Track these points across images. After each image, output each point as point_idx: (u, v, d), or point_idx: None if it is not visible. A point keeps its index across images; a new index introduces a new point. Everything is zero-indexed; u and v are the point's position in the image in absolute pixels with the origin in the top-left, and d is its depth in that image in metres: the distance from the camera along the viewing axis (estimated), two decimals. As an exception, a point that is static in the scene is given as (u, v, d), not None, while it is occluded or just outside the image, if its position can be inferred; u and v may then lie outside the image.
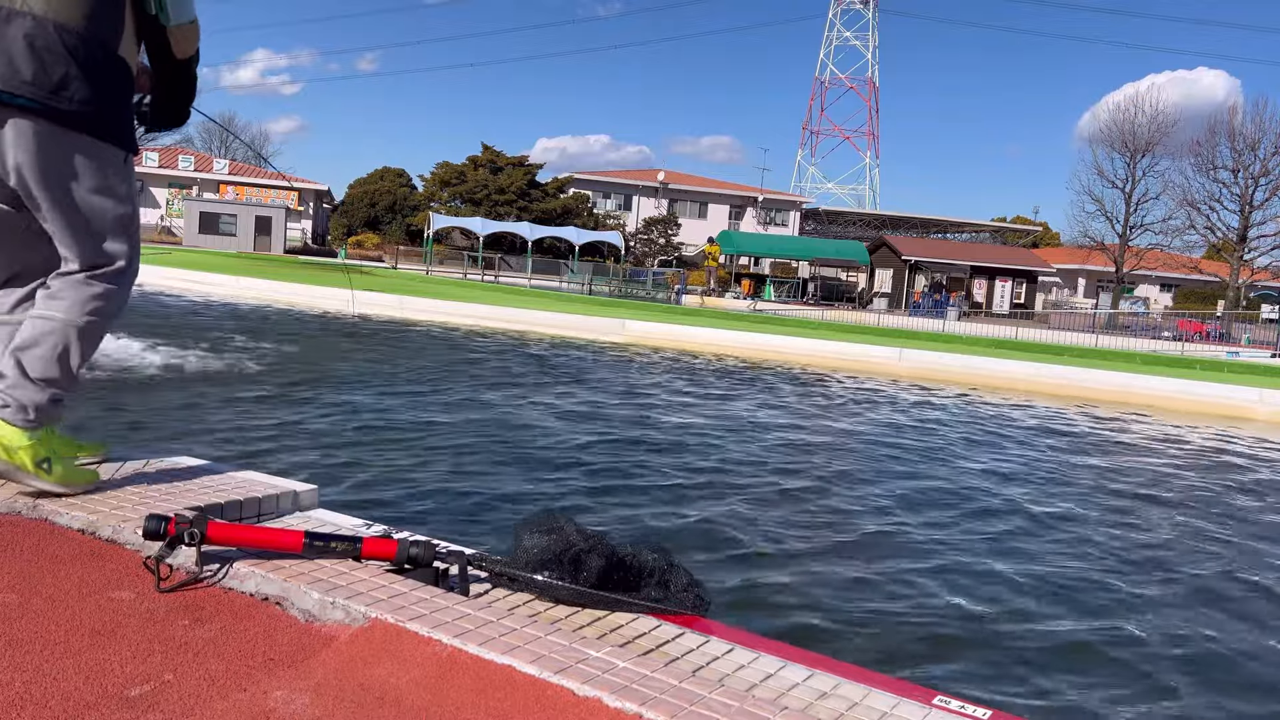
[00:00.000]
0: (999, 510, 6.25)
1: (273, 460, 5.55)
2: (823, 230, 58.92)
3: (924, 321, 31.79)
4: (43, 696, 1.41)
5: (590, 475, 6.07)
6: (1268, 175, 40.97)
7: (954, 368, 15.43)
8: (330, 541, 2.00)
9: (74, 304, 2.20)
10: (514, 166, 51.26)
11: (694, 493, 5.84)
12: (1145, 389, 14.25)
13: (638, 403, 9.68)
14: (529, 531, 2.16)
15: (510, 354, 13.62)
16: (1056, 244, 67.53)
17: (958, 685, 3.29)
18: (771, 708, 1.53)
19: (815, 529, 5.29)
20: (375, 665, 1.60)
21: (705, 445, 7.57)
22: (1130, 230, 45.02)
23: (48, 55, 2.02)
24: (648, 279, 39.40)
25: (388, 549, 2.02)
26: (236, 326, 13.70)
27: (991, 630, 3.99)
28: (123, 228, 2.26)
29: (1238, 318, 34.55)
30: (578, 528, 2.16)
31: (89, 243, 2.20)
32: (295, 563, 1.95)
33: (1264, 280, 44.83)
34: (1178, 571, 5.19)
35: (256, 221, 41.24)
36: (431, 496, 5.14)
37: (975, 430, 10.02)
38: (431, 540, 2.08)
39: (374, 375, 9.87)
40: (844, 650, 3.47)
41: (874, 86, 78.12)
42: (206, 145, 63.33)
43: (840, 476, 6.96)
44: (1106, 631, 4.11)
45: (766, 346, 16.68)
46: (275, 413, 7.20)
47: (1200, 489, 7.84)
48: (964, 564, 4.88)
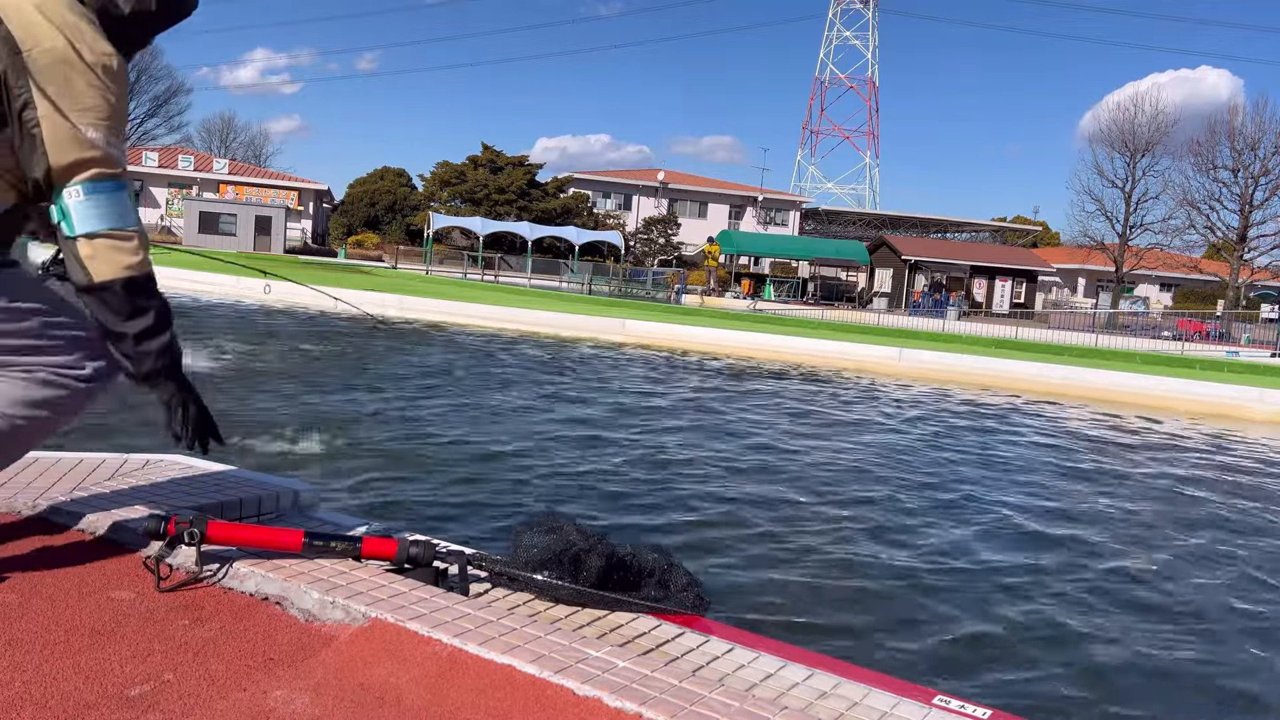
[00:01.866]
0: (1000, 511, 6.24)
1: (272, 460, 5.55)
2: (823, 230, 58.91)
3: (924, 321, 31.78)
4: (43, 696, 1.40)
5: (590, 475, 6.07)
6: (1268, 175, 40.97)
7: (954, 367, 15.43)
8: (330, 541, 2.00)
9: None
10: (514, 166, 51.25)
11: (693, 492, 5.84)
12: (1145, 389, 14.25)
13: (637, 403, 9.68)
14: (529, 532, 2.16)
15: (510, 354, 13.62)
16: (1056, 244, 67.51)
17: (958, 685, 3.29)
18: (771, 707, 1.53)
19: (815, 529, 5.29)
20: (375, 665, 1.60)
21: (704, 445, 7.57)
22: (1130, 230, 45.01)
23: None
24: (648, 279, 39.40)
25: (388, 548, 2.02)
26: (237, 327, 13.71)
27: (992, 630, 3.99)
28: (57, 341, 1.88)
29: (1238, 317, 34.54)
30: (578, 528, 2.17)
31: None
32: (295, 562, 1.95)
33: (1264, 280, 44.81)
34: (1179, 572, 5.19)
35: (256, 221, 41.25)
36: (432, 496, 5.14)
37: (975, 430, 10.02)
38: (432, 540, 2.08)
39: (374, 375, 9.87)
40: (844, 650, 3.46)
41: (874, 86, 78.13)
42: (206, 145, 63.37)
43: (840, 476, 6.96)
44: (1107, 632, 4.10)
45: (766, 346, 16.67)
46: (276, 412, 7.20)
47: (1200, 489, 7.84)
48: (964, 564, 4.88)
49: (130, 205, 1.83)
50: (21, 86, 1.77)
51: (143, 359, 1.81)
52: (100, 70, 1.82)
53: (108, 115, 1.83)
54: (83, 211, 1.75)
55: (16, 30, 1.78)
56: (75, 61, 1.79)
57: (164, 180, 48.13)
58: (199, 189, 47.72)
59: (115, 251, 1.77)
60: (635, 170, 62.34)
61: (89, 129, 1.79)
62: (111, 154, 1.81)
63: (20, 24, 1.78)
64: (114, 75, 1.85)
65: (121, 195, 1.81)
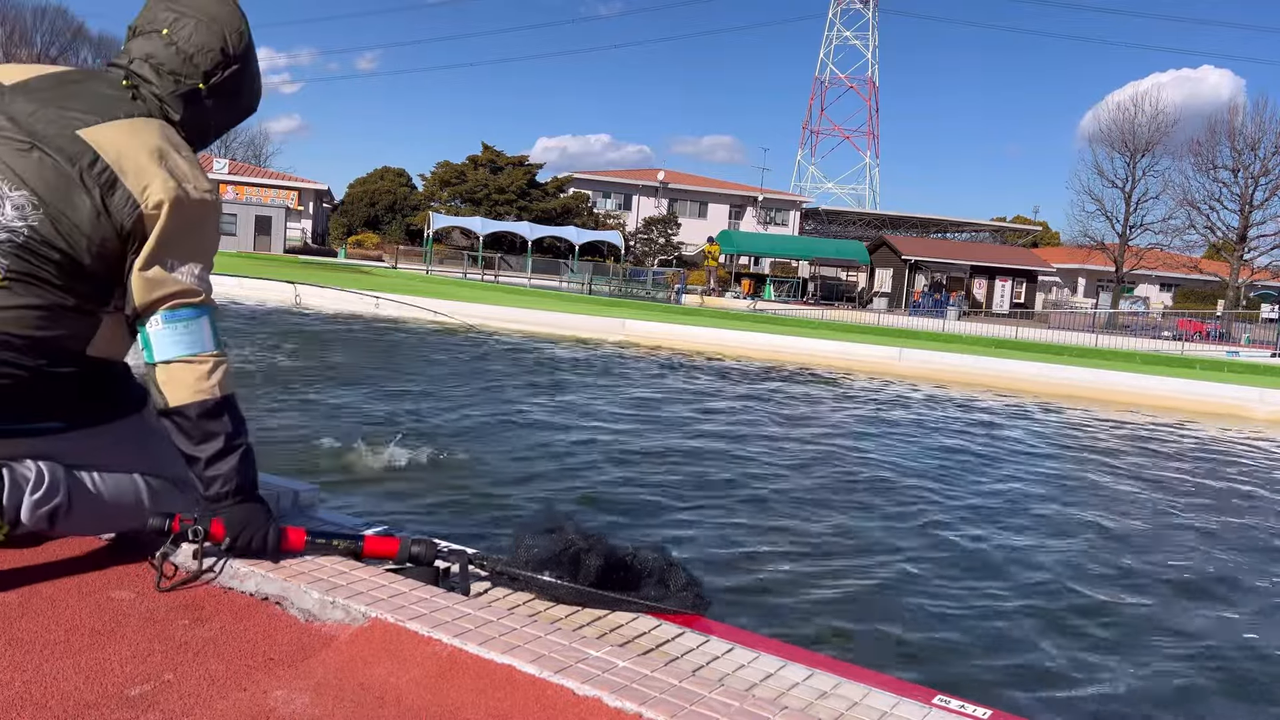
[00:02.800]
0: (1000, 510, 6.25)
1: (273, 460, 5.55)
2: (823, 230, 58.91)
3: (924, 321, 31.78)
4: (43, 696, 1.41)
5: (590, 475, 6.07)
6: (1268, 175, 40.99)
7: (954, 367, 15.43)
8: (332, 539, 2.01)
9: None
10: (514, 166, 51.26)
11: (692, 493, 5.84)
12: (1145, 389, 14.25)
13: (636, 403, 9.68)
14: (530, 532, 2.17)
15: (510, 354, 13.62)
16: (1056, 244, 67.51)
17: (958, 685, 3.29)
18: (771, 707, 1.53)
19: (815, 529, 5.29)
20: (375, 665, 1.60)
21: (702, 444, 7.57)
22: (1130, 230, 45.02)
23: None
24: (648, 279, 39.40)
25: (389, 547, 2.03)
26: (240, 327, 13.70)
27: (992, 630, 3.99)
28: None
29: (1238, 317, 34.55)
30: (577, 527, 2.17)
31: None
32: (295, 562, 1.95)
33: (1264, 280, 44.82)
34: (1179, 572, 5.19)
35: (256, 221, 41.27)
36: (433, 495, 5.14)
37: (975, 430, 10.02)
38: (433, 539, 2.09)
39: (375, 375, 9.87)
40: (844, 650, 3.47)
41: (874, 86, 78.15)
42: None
43: (839, 477, 6.96)
44: (1108, 632, 4.10)
45: (766, 346, 16.67)
46: (276, 412, 7.20)
47: (1200, 489, 7.84)
48: (964, 564, 4.88)
49: (209, 330, 1.87)
50: (138, 243, 1.81)
51: (210, 482, 1.87)
52: (201, 208, 1.86)
53: (200, 251, 1.88)
54: (161, 339, 1.82)
55: (133, 186, 1.79)
56: (181, 208, 1.82)
57: (164, 180, 48.09)
58: (199, 189, 47.66)
59: (189, 376, 1.83)
60: (635, 170, 62.37)
61: (178, 268, 1.83)
62: (194, 286, 1.85)
63: (134, 174, 1.79)
64: (211, 210, 1.89)
65: (201, 321, 1.86)
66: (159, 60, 1.94)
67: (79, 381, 1.87)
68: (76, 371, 1.85)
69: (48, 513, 1.82)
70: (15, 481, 1.78)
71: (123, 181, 1.78)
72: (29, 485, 1.79)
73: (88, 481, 1.89)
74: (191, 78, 1.96)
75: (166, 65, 1.95)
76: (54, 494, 1.82)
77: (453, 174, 51.21)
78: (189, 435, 1.84)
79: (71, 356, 1.83)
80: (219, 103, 2.03)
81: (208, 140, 2.10)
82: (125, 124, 1.84)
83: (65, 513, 1.84)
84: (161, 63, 1.94)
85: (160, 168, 1.81)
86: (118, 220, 1.78)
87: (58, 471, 1.84)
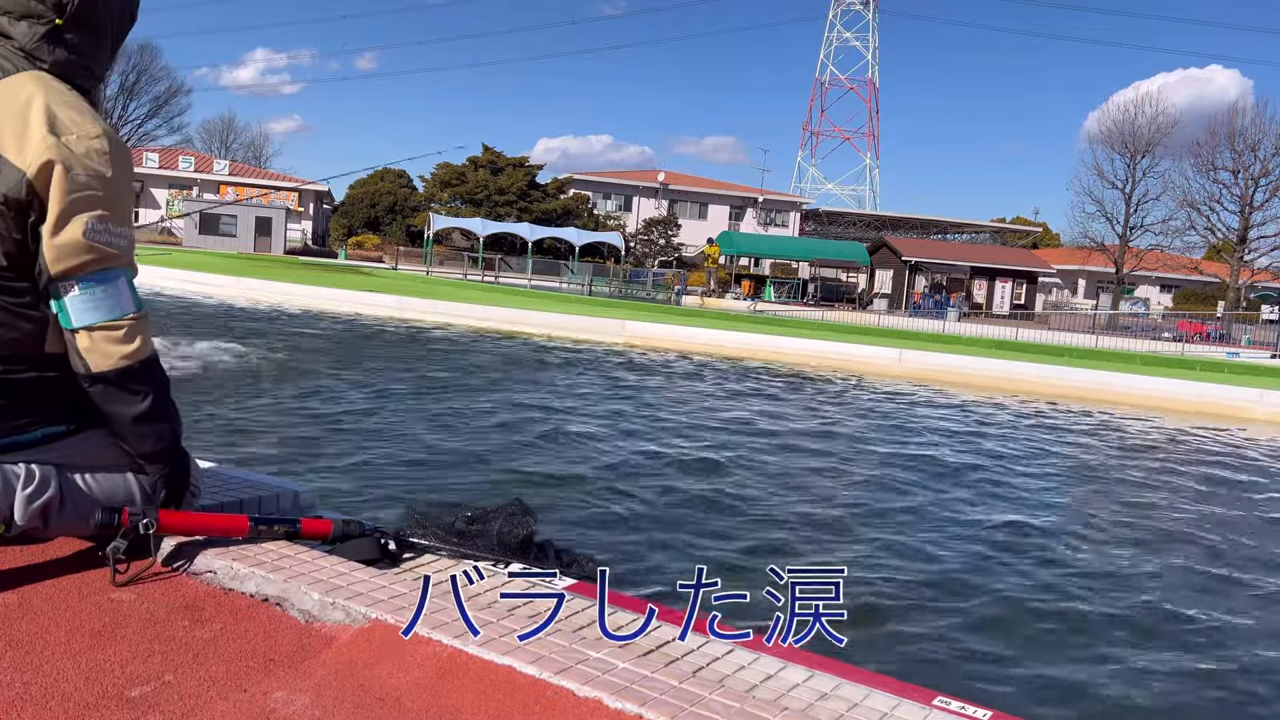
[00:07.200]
0: (1000, 511, 6.24)
1: (274, 460, 5.56)
2: (823, 231, 58.92)
3: (924, 322, 31.78)
4: (43, 697, 1.41)
5: (590, 475, 6.07)
6: (1268, 176, 40.99)
7: (954, 369, 15.42)
8: (274, 525, 2.09)
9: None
10: (514, 167, 51.26)
11: (691, 493, 5.84)
12: (1145, 389, 14.25)
13: (635, 402, 9.68)
14: (442, 509, 2.41)
15: (510, 354, 13.62)
16: (1056, 245, 67.52)
17: (958, 685, 3.28)
18: (772, 708, 1.53)
19: (815, 529, 5.28)
20: (375, 666, 1.60)
21: (701, 445, 7.57)
22: (1130, 231, 45.02)
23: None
24: (648, 280, 39.42)
25: (324, 527, 2.16)
26: (238, 327, 13.71)
27: (992, 630, 3.98)
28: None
29: (1238, 318, 34.56)
30: (486, 507, 2.40)
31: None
32: (295, 563, 1.95)
33: (1264, 281, 44.83)
34: (1180, 572, 5.19)
35: (256, 222, 41.27)
36: (433, 495, 5.14)
37: (975, 431, 10.02)
38: (360, 520, 2.25)
39: (374, 375, 9.88)
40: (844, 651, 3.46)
41: (874, 87, 78.19)
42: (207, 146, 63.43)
43: (839, 477, 6.96)
44: (1107, 631, 4.10)
45: (766, 347, 16.66)
46: (276, 412, 7.20)
47: (1199, 489, 7.84)
48: (964, 564, 4.88)
49: (127, 292, 1.80)
50: (40, 213, 1.72)
51: (141, 441, 1.88)
52: (95, 158, 1.75)
53: (108, 202, 1.77)
54: (78, 306, 1.75)
55: (13, 155, 1.69)
56: (73, 162, 1.72)
57: (164, 181, 48.14)
58: (199, 190, 47.74)
59: (111, 343, 1.77)
60: (635, 171, 62.39)
61: (89, 230, 1.74)
62: (106, 249, 1.77)
63: (12, 141, 1.70)
64: (108, 155, 1.78)
65: (118, 284, 1.79)
66: (6, 7, 1.80)
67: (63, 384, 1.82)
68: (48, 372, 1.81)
69: (40, 509, 1.80)
70: (6, 479, 1.77)
71: (3, 155, 1.67)
72: (20, 482, 1.78)
73: (79, 480, 1.88)
74: (44, 16, 1.80)
75: (15, 10, 1.80)
76: (44, 490, 1.80)
77: (453, 175, 51.22)
78: (113, 400, 1.80)
79: (32, 358, 1.77)
80: (85, 33, 1.86)
81: (98, 74, 1.94)
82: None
83: (58, 510, 1.83)
84: (9, 10, 1.80)
85: (38, 125, 1.69)
86: (12, 197, 1.68)
87: (49, 469, 1.83)
